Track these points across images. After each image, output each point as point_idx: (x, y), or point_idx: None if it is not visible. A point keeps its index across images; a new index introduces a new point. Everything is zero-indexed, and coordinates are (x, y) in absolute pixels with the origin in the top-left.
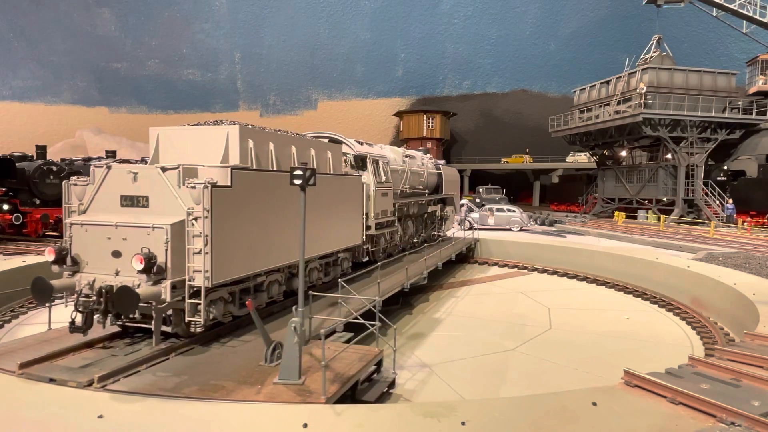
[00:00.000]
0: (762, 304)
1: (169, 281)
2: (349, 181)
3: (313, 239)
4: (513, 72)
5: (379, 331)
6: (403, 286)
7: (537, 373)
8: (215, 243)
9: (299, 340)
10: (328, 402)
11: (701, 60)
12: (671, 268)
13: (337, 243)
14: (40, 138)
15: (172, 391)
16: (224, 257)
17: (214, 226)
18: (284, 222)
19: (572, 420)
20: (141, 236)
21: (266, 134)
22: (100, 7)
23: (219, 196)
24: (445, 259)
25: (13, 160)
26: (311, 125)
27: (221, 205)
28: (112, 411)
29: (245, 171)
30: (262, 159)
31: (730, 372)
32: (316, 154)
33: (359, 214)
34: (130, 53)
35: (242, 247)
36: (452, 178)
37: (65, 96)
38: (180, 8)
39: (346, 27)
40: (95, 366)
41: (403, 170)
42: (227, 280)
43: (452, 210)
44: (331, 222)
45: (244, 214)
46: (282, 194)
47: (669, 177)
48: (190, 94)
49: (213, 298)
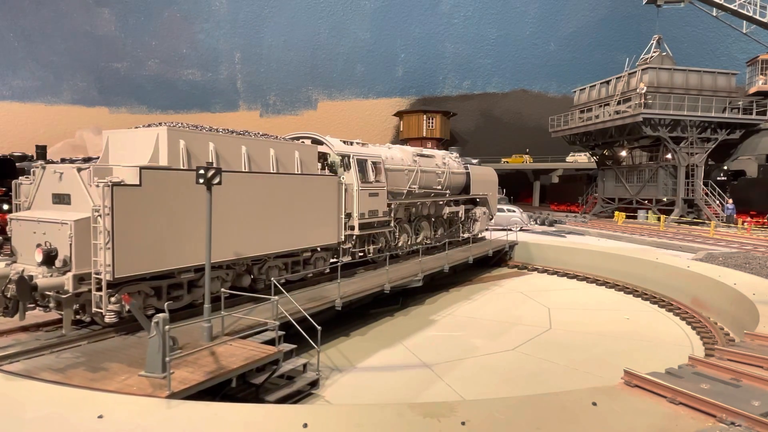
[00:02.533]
0: (762, 304)
1: (72, 274)
2: (320, 181)
3: (268, 237)
4: (513, 72)
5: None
6: (383, 288)
7: (537, 373)
8: (118, 239)
9: (161, 336)
10: (174, 397)
11: (701, 60)
12: (671, 268)
13: (303, 241)
14: (40, 138)
15: (61, 373)
16: (129, 253)
17: (117, 223)
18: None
19: (572, 420)
20: (54, 231)
21: (205, 134)
22: (100, 7)
23: (124, 194)
24: (456, 262)
25: (13, 160)
26: (311, 125)
27: (127, 203)
28: (112, 411)
29: (156, 170)
30: (199, 159)
31: (730, 372)
32: (278, 154)
33: (334, 214)
34: (130, 53)
35: (154, 244)
36: (484, 177)
37: (65, 96)
38: (180, 8)
39: (346, 27)
40: (13, 347)
41: (410, 170)
42: (140, 274)
43: (485, 211)
44: (296, 220)
45: (157, 211)
46: (201, 192)
47: (669, 177)
48: (190, 94)
49: (130, 291)
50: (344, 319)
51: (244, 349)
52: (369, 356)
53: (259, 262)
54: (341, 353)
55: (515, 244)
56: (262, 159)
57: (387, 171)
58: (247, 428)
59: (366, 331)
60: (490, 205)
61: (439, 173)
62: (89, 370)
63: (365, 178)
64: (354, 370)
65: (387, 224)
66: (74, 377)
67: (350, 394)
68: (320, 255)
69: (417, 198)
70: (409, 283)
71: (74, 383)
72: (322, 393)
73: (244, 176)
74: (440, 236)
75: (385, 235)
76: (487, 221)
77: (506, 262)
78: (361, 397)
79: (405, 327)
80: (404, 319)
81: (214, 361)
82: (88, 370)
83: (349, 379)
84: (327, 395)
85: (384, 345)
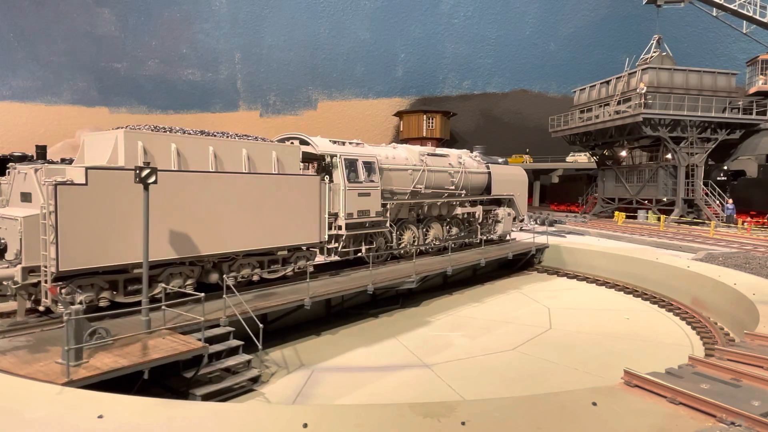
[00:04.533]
0: (762, 304)
1: (21, 266)
2: (298, 180)
3: (235, 235)
4: (513, 72)
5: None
6: (366, 288)
7: (537, 373)
8: (62, 234)
9: (70, 326)
10: (73, 385)
11: (701, 60)
12: (671, 268)
13: (277, 240)
14: (40, 138)
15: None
16: (75, 248)
17: (62, 220)
18: (165, 218)
19: (572, 420)
20: (10, 226)
21: (166, 136)
22: (100, 7)
23: (68, 193)
24: (461, 264)
25: (13, 160)
26: (311, 125)
27: (72, 201)
28: (112, 411)
29: (101, 170)
30: (159, 159)
31: (730, 372)
32: (251, 154)
33: (316, 213)
34: (130, 53)
35: (101, 240)
36: (509, 177)
37: (65, 96)
38: (180, 8)
39: (346, 27)
40: None
41: (415, 170)
42: (89, 268)
43: (509, 212)
44: (269, 219)
45: (105, 209)
46: (157, 191)
47: (669, 177)
48: (190, 94)
49: (83, 284)
50: (343, 318)
51: (174, 343)
52: (367, 356)
53: (229, 260)
54: (336, 353)
55: (545, 247)
56: (232, 159)
57: (386, 171)
58: (247, 428)
59: (365, 331)
60: (518, 205)
61: (452, 173)
62: (22, 355)
63: (356, 178)
64: (354, 370)
65: (382, 224)
66: (2, 361)
67: (350, 394)
68: (303, 254)
69: (425, 198)
70: (400, 285)
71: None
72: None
73: (209, 176)
74: (455, 237)
75: (385, 236)
76: (513, 223)
77: (534, 266)
78: (361, 397)
79: (405, 327)
80: (404, 319)
81: (138, 351)
82: (21, 355)
83: (349, 379)
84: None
85: (383, 344)
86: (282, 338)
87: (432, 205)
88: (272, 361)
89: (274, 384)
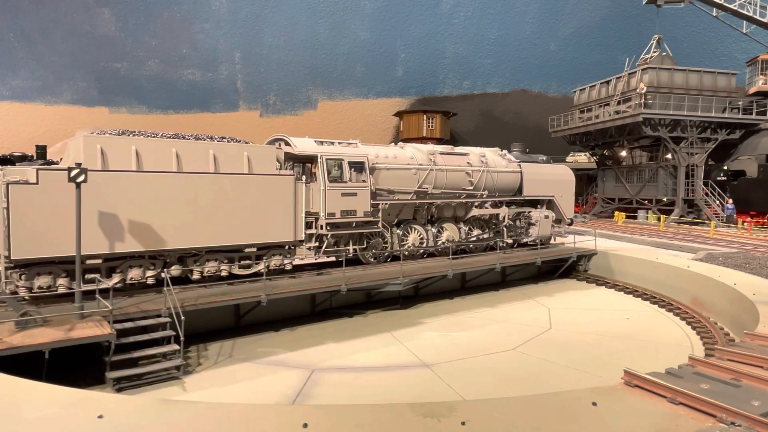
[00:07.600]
0: (762, 304)
1: None
2: (270, 180)
3: (198, 232)
4: (513, 72)
5: None
6: (340, 288)
7: (537, 373)
8: (14, 227)
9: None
10: None
11: (701, 60)
12: (671, 268)
13: (245, 238)
14: (40, 138)
15: None
16: (26, 239)
17: (13, 214)
18: (123, 214)
19: (572, 420)
20: None
21: (126, 139)
22: (100, 7)
23: (20, 191)
24: (464, 268)
25: (13, 160)
26: (311, 125)
27: (24, 199)
28: (112, 411)
29: (50, 171)
30: (118, 161)
31: (730, 372)
32: (218, 155)
33: (290, 212)
34: (130, 53)
35: (53, 233)
36: (547, 177)
37: (65, 96)
38: (180, 8)
39: (346, 27)
40: None
41: (420, 169)
42: (41, 258)
43: (547, 215)
44: (236, 217)
45: (56, 205)
46: (108, 190)
47: (669, 177)
48: (190, 94)
49: (41, 272)
50: (340, 318)
51: (88, 330)
52: (367, 356)
53: (191, 255)
54: (336, 352)
55: (593, 254)
56: (197, 160)
57: (382, 170)
58: (247, 428)
59: (362, 331)
60: (561, 207)
61: (470, 172)
62: None
63: (339, 178)
64: (354, 370)
65: (372, 225)
66: None
67: (350, 394)
68: (280, 252)
69: (434, 198)
70: (383, 286)
71: None
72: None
73: (167, 175)
74: (476, 240)
75: (382, 236)
76: (552, 226)
77: (576, 274)
78: (361, 397)
79: (405, 327)
80: (405, 319)
81: (53, 334)
82: None
83: (349, 379)
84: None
85: (384, 345)
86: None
87: (444, 206)
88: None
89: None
